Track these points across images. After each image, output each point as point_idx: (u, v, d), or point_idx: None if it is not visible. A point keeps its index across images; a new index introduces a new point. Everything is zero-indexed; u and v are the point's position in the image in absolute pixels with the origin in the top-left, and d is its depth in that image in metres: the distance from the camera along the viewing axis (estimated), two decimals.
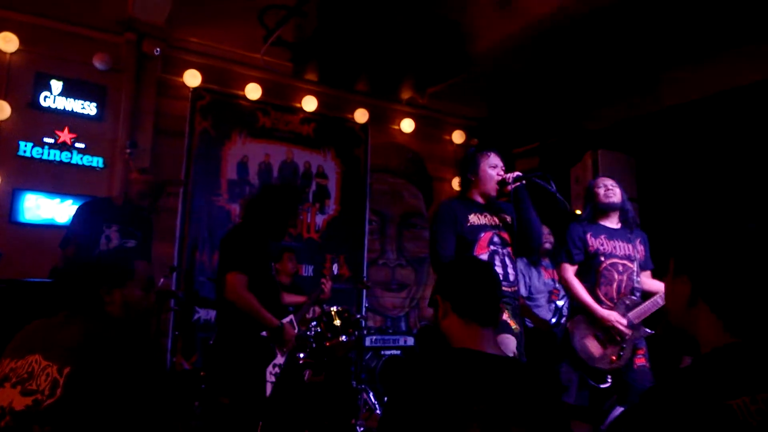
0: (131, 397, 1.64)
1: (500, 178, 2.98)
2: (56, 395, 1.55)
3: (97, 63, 4.85)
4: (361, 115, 6.34)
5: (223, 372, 3.03)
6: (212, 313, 5.17)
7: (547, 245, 4.60)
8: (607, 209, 3.39)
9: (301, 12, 4.77)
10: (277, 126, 5.96)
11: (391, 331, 5.87)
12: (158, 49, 5.01)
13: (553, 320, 4.17)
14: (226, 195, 5.57)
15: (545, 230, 4.46)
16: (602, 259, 3.28)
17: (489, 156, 3.05)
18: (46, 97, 4.73)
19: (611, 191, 3.40)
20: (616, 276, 3.28)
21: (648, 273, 3.46)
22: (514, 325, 2.80)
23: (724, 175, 5.57)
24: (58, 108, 4.77)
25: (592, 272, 3.30)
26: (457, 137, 7.03)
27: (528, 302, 4.41)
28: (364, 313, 4.97)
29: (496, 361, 1.51)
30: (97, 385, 1.57)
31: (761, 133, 5.04)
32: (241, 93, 5.68)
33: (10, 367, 1.67)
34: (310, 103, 6.00)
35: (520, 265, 4.34)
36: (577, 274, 3.34)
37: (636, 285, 3.29)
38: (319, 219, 6.10)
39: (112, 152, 4.91)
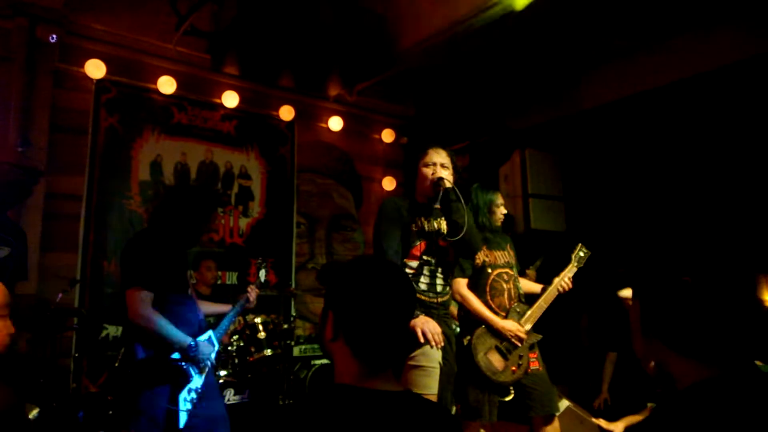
0: None
1: (435, 178, 2.78)
2: None
3: None
4: (286, 112, 6.00)
5: (128, 401, 2.65)
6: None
7: None
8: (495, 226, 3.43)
9: None
10: (195, 123, 5.52)
11: (317, 342, 5.58)
12: (54, 36, 4.48)
13: None
14: (138, 198, 5.08)
15: None
16: (489, 270, 3.30)
17: (426, 153, 2.85)
18: None
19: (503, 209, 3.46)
20: (504, 285, 3.31)
21: None
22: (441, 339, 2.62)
23: (643, 172, 5.72)
24: None
25: (481, 284, 3.29)
26: (387, 136, 6.83)
27: None
28: (292, 321, 4.65)
29: (389, 402, 1.20)
30: None
31: (675, 131, 5.19)
32: (153, 86, 5.19)
33: None
34: (231, 99, 5.60)
35: None
36: (468, 287, 3.27)
37: (521, 291, 3.39)
38: (243, 223, 5.71)
39: (2, 150, 4.33)
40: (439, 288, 2.75)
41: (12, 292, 2.80)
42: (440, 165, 2.81)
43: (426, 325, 2.54)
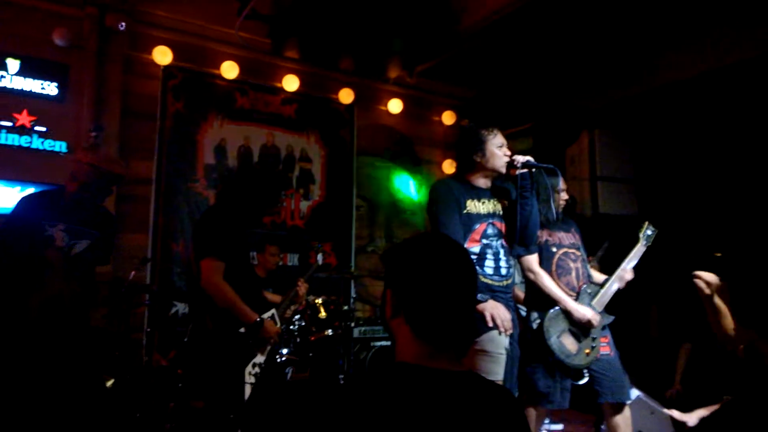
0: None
1: (508, 159, 2.71)
2: None
3: (57, 39, 4.46)
4: (346, 95, 6.00)
5: (196, 373, 2.73)
6: None
7: None
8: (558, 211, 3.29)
9: None
10: (257, 107, 5.60)
11: (380, 321, 5.58)
12: (123, 24, 4.63)
13: None
14: (204, 181, 5.22)
15: None
16: (554, 249, 3.17)
17: (496, 134, 2.75)
18: (2, 77, 4.35)
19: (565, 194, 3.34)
20: (571, 264, 3.18)
21: None
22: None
23: (721, 153, 5.36)
24: (16, 89, 4.39)
25: (547, 263, 3.15)
26: (447, 118, 6.72)
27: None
28: (352, 303, 4.68)
29: (452, 381, 1.16)
30: None
31: (753, 109, 4.83)
32: (216, 72, 5.30)
33: None
34: (291, 83, 5.64)
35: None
36: None
37: (589, 272, 3.28)
38: (304, 205, 5.77)
39: (77, 136, 4.54)
40: (503, 271, 2.68)
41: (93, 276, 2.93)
42: (506, 147, 2.75)
43: (495, 309, 2.48)
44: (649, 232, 3.32)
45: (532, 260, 3.08)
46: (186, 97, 5.20)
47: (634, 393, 3.44)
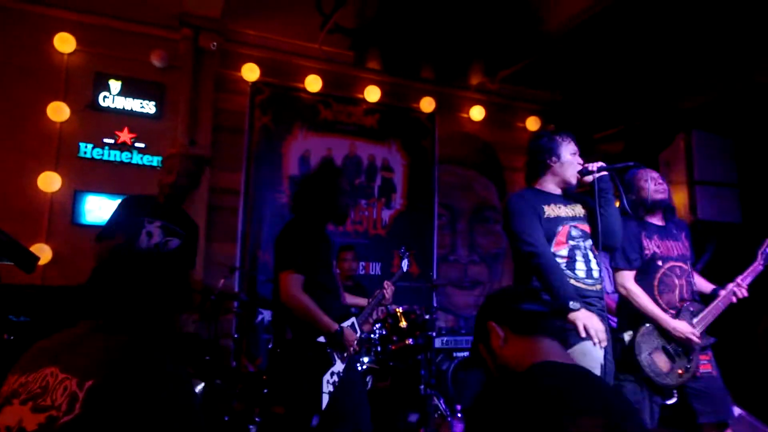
0: (157, 419, 1.38)
1: (582, 166, 2.63)
2: (74, 411, 1.30)
3: (155, 60, 4.77)
4: (427, 104, 5.99)
5: (278, 380, 2.79)
6: None
7: None
8: (655, 207, 3.07)
9: None
10: (339, 118, 5.71)
11: (464, 331, 5.48)
12: (215, 44, 4.88)
13: None
14: (288, 191, 5.38)
15: None
16: (660, 263, 2.97)
17: (570, 141, 2.69)
18: (105, 97, 4.70)
19: (662, 185, 3.10)
20: (676, 281, 2.99)
21: None
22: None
23: None
24: (118, 108, 4.74)
25: (649, 278, 2.96)
26: (532, 124, 6.54)
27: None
28: (434, 313, 4.63)
29: (583, 373, 1.39)
30: (122, 403, 1.31)
31: None
32: (300, 86, 5.47)
33: (20, 383, 1.44)
34: (373, 94, 5.72)
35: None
36: (635, 280, 2.97)
37: (694, 288, 3.05)
38: (385, 214, 5.80)
39: (172, 152, 4.82)
40: (595, 274, 2.55)
41: (183, 280, 3.10)
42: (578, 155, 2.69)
43: (589, 320, 2.35)
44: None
45: (626, 276, 2.93)
46: (273, 110, 5.40)
47: (736, 411, 3.17)
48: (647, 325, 2.89)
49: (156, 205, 3.08)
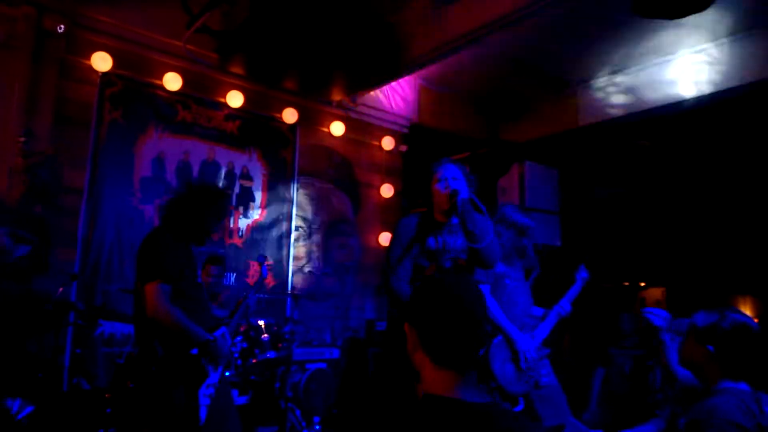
0: None
1: (447, 193, 2.72)
2: None
3: None
4: (290, 115, 5.96)
5: (146, 398, 2.60)
6: (118, 327, 4.60)
7: None
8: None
9: None
10: (199, 121, 5.45)
11: (316, 343, 5.51)
12: (62, 26, 4.40)
13: None
14: (139, 194, 5.00)
15: None
16: (507, 281, 3.32)
17: (437, 170, 2.81)
18: None
19: None
20: (519, 299, 3.35)
21: None
22: None
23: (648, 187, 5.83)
24: None
25: (498, 293, 3.28)
26: (387, 143, 6.83)
27: None
28: (292, 325, 4.60)
29: (479, 413, 1.24)
30: None
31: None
32: (159, 83, 5.13)
33: None
34: (235, 99, 5.55)
35: None
36: None
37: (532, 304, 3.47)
38: (243, 223, 5.64)
39: (3, 141, 4.23)
40: None
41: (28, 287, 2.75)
42: (451, 178, 2.76)
43: None
44: (584, 275, 3.51)
45: None
46: (125, 106, 4.99)
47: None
48: (498, 337, 3.19)
49: (2, 208, 2.68)
